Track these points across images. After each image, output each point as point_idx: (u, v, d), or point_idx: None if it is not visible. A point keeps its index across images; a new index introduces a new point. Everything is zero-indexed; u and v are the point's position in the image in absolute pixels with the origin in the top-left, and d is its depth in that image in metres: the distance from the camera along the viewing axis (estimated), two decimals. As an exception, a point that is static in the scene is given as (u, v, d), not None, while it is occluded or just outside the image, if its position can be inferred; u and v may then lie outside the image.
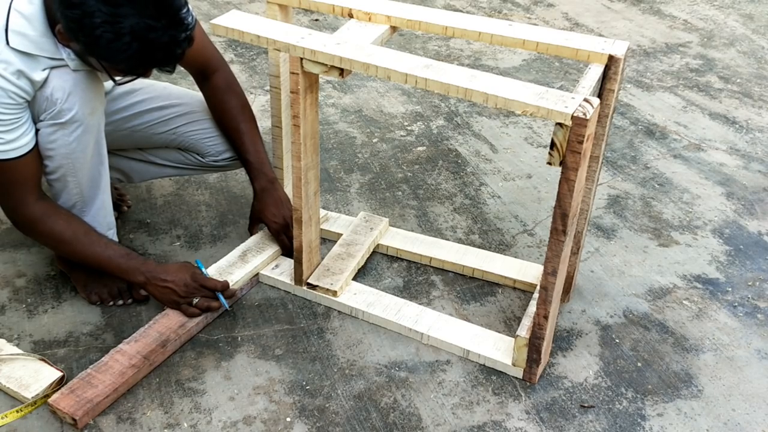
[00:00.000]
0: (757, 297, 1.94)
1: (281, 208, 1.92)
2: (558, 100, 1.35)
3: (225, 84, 1.90)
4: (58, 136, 1.59)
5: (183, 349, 1.71)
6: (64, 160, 1.63)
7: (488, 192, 2.33)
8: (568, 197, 1.41)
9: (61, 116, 1.56)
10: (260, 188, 1.92)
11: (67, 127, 1.58)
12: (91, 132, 1.63)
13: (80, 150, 1.63)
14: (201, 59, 1.85)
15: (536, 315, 1.57)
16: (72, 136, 1.60)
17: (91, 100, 1.60)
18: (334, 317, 1.82)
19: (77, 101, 1.57)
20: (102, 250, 1.70)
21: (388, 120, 2.71)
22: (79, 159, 1.64)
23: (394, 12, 1.69)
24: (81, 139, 1.61)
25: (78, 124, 1.59)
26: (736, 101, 2.94)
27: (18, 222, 1.69)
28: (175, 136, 1.93)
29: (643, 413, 1.60)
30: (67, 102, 1.55)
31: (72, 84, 1.55)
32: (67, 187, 1.68)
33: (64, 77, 1.54)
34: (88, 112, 1.59)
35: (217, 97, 1.91)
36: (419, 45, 3.33)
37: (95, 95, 1.61)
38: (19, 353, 1.65)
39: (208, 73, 1.89)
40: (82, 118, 1.59)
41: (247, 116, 1.93)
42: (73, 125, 1.59)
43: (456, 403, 1.61)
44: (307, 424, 1.55)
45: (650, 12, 3.81)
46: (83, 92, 1.57)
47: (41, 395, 1.55)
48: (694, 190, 2.37)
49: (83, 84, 1.57)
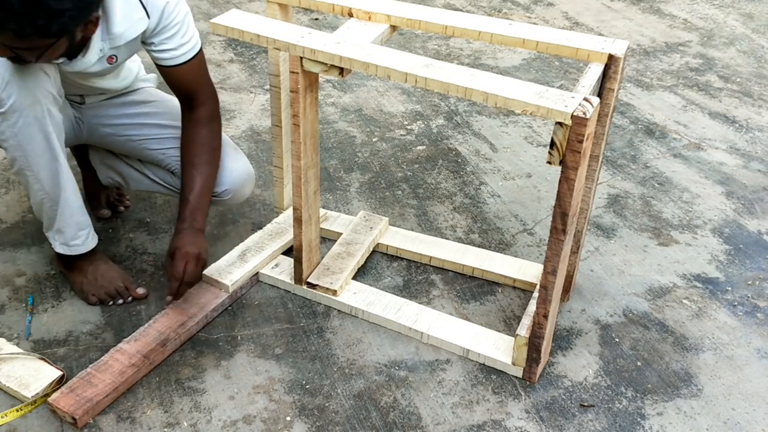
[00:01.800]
0: (756, 296, 1.94)
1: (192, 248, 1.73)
2: (558, 100, 1.35)
3: (205, 119, 1.79)
4: (4, 126, 1.56)
5: (183, 348, 1.71)
6: (16, 152, 1.60)
7: (488, 191, 2.33)
8: (568, 196, 1.41)
9: (0, 105, 1.53)
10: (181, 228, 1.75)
11: (8, 117, 1.55)
12: (34, 124, 1.57)
13: (27, 142, 1.59)
14: (190, 88, 1.76)
15: (536, 314, 1.57)
16: (16, 127, 1.56)
17: (31, 90, 1.54)
18: (333, 316, 1.82)
19: (15, 90, 1.52)
20: None
21: (387, 119, 2.71)
22: (29, 152, 1.61)
23: (394, 11, 1.69)
24: (25, 131, 1.57)
25: (18, 114, 1.55)
26: (736, 100, 2.94)
27: None
28: (163, 157, 1.89)
29: (643, 412, 1.61)
30: (5, 90, 1.52)
31: (10, 72, 1.51)
32: (29, 183, 1.67)
33: (5, 64, 1.50)
34: (28, 102, 1.54)
35: (191, 128, 1.78)
36: (419, 44, 3.33)
37: (36, 85, 1.55)
38: (19, 352, 1.65)
39: (194, 105, 1.78)
40: (21, 108, 1.54)
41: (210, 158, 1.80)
42: (14, 115, 1.55)
43: (456, 402, 1.61)
44: (306, 423, 1.55)
45: (650, 11, 3.81)
46: (22, 81, 1.52)
47: (41, 394, 1.56)
48: (694, 190, 2.37)
49: (23, 73, 1.52)
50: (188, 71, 1.73)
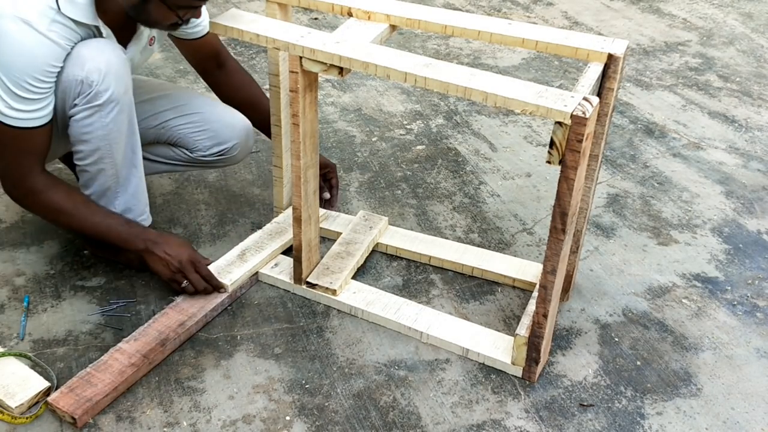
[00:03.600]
0: (756, 296, 1.94)
1: None
2: (557, 99, 1.35)
3: (238, 66, 2.03)
4: (96, 118, 1.62)
5: (182, 348, 1.71)
6: (102, 142, 1.65)
7: (487, 191, 2.33)
8: (568, 196, 1.41)
9: (98, 98, 1.59)
10: None
11: (104, 109, 1.61)
12: (125, 110, 1.66)
13: (116, 130, 1.65)
14: (216, 49, 1.97)
15: (535, 314, 1.57)
16: (109, 117, 1.62)
17: (123, 78, 1.62)
18: (333, 316, 1.82)
19: (113, 81, 1.59)
20: (102, 219, 1.72)
21: (387, 119, 2.71)
22: (115, 139, 1.67)
23: (394, 11, 1.69)
24: (117, 119, 1.64)
25: (114, 104, 1.61)
26: (736, 100, 2.94)
27: (19, 194, 1.70)
28: (164, 131, 1.95)
29: (643, 412, 1.61)
30: (103, 83, 1.58)
31: (106, 65, 1.58)
32: (103, 171, 1.71)
33: (97, 59, 1.57)
34: (122, 91, 1.62)
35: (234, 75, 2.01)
36: (419, 44, 3.33)
37: (126, 73, 1.64)
38: (10, 353, 1.64)
39: (222, 60, 1.99)
40: (117, 98, 1.61)
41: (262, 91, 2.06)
42: (110, 105, 1.61)
43: (455, 401, 1.61)
44: (306, 422, 1.55)
45: (649, 11, 3.81)
46: (117, 72, 1.60)
47: (26, 405, 1.53)
48: (694, 189, 2.37)
49: (116, 64, 1.60)
50: (212, 36, 1.92)
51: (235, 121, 1.97)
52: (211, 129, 1.95)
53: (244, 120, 1.99)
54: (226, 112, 1.99)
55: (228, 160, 2.01)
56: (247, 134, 1.99)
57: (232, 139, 1.96)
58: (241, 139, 1.98)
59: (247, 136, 2.00)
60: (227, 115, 1.97)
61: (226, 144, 1.96)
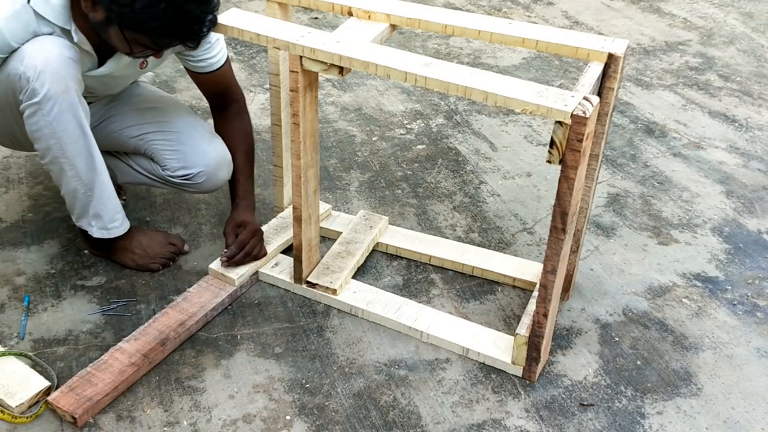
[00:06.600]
0: (756, 295, 1.94)
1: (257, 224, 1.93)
2: (558, 99, 1.35)
3: (241, 112, 1.99)
4: (39, 116, 1.61)
5: (182, 347, 1.71)
6: (51, 140, 1.65)
7: (488, 190, 2.33)
8: (568, 195, 1.41)
9: (35, 95, 1.58)
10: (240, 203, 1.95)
11: (43, 107, 1.60)
12: (68, 110, 1.63)
13: (62, 129, 1.64)
14: (225, 88, 1.94)
15: (536, 313, 1.57)
16: (51, 115, 1.61)
17: (63, 78, 1.59)
18: (333, 315, 1.82)
19: (48, 79, 1.57)
20: None
21: (387, 118, 2.71)
22: (63, 138, 1.65)
23: (394, 10, 1.69)
24: (60, 118, 1.62)
25: (52, 102, 1.59)
26: (736, 99, 2.94)
27: None
28: (142, 143, 1.90)
29: (643, 411, 1.61)
30: (38, 80, 1.57)
31: (43, 62, 1.57)
32: (63, 171, 1.70)
33: (36, 56, 1.57)
34: (61, 89, 1.59)
35: (232, 121, 1.97)
36: (419, 43, 3.33)
37: (67, 73, 1.60)
38: (11, 352, 1.64)
39: (228, 102, 1.96)
40: (54, 96, 1.59)
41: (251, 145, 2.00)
42: (48, 103, 1.59)
43: (455, 401, 1.61)
44: (306, 422, 1.55)
45: (650, 10, 3.81)
46: (54, 70, 1.58)
47: (26, 404, 1.53)
48: (694, 189, 2.37)
49: (55, 62, 1.58)
50: (223, 73, 1.90)
51: (209, 150, 1.88)
52: (182, 151, 1.88)
53: (220, 152, 1.90)
54: (204, 138, 1.90)
55: (195, 186, 1.91)
56: (217, 165, 1.89)
57: (198, 166, 1.87)
58: (209, 169, 1.88)
59: (218, 167, 1.89)
60: (203, 142, 1.89)
61: (191, 169, 1.87)
